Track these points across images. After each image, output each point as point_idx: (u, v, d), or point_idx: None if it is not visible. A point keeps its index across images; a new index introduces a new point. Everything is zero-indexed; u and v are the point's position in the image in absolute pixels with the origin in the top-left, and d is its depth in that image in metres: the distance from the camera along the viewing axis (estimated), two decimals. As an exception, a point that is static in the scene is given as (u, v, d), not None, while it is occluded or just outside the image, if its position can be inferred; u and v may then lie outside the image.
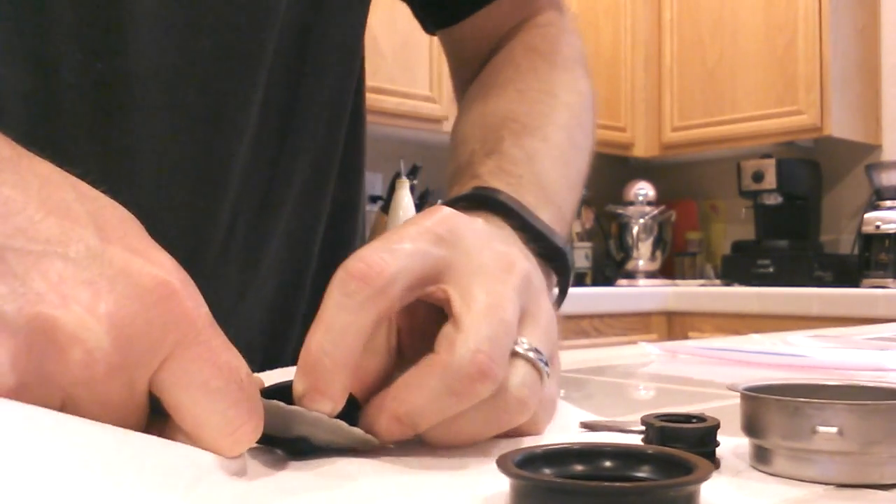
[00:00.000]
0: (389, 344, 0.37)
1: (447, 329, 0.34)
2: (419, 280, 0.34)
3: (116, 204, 0.30)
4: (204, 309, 0.29)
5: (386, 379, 0.35)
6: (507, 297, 0.35)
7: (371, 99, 2.46)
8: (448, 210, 0.37)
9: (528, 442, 0.37)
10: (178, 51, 0.52)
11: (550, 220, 0.48)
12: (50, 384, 0.26)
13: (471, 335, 0.33)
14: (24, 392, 0.26)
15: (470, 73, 0.68)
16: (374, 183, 2.90)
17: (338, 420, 0.32)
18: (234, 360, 0.29)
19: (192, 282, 0.29)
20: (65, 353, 0.26)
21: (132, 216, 0.30)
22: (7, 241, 0.26)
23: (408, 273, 0.33)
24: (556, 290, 0.48)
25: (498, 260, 0.36)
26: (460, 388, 0.32)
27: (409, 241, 0.34)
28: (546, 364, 0.36)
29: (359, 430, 0.33)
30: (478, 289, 0.34)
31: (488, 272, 0.35)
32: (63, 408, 0.27)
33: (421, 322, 0.37)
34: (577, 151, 0.58)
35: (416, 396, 0.33)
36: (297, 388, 0.32)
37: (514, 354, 0.34)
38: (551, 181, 0.52)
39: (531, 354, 0.35)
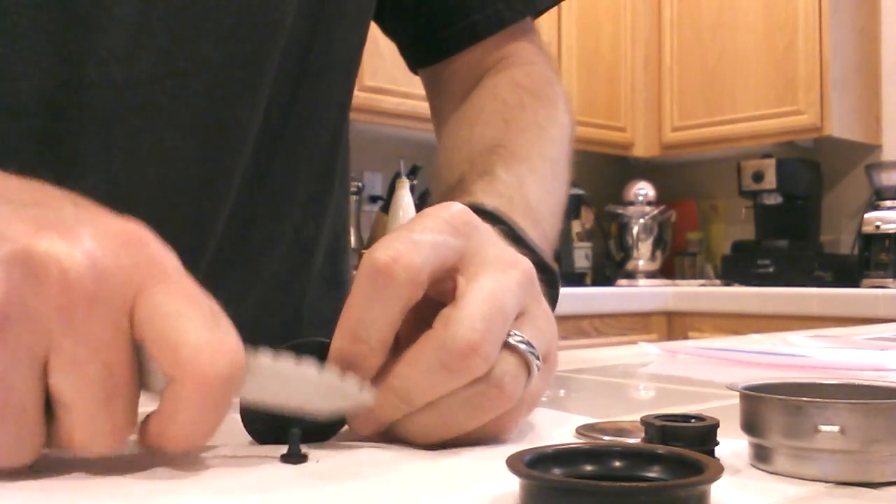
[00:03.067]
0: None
1: (447, 308, 0.35)
2: (440, 270, 0.35)
3: None
4: (173, 258, 0.31)
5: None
6: (509, 288, 0.36)
7: (371, 99, 2.49)
8: (461, 204, 0.38)
9: (529, 443, 0.37)
10: (186, 58, 0.52)
11: (537, 241, 0.50)
12: (33, 322, 0.28)
13: (467, 314, 0.34)
14: (10, 326, 0.27)
15: (452, 107, 0.70)
16: (374, 183, 2.90)
17: (329, 374, 0.33)
18: (204, 297, 0.31)
19: (160, 240, 0.31)
20: (42, 278, 0.28)
21: None
22: None
23: (431, 263, 0.35)
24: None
25: (505, 256, 0.38)
26: (451, 363, 0.33)
27: (430, 232, 0.35)
28: (537, 358, 0.36)
29: (351, 386, 0.33)
30: (484, 277, 0.35)
31: (495, 264, 0.36)
32: (49, 360, 0.28)
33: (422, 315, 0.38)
34: (558, 182, 0.61)
35: (411, 370, 0.34)
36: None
37: (507, 345, 0.35)
38: (538, 208, 0.54)
39: (522, 346, 0.35)
